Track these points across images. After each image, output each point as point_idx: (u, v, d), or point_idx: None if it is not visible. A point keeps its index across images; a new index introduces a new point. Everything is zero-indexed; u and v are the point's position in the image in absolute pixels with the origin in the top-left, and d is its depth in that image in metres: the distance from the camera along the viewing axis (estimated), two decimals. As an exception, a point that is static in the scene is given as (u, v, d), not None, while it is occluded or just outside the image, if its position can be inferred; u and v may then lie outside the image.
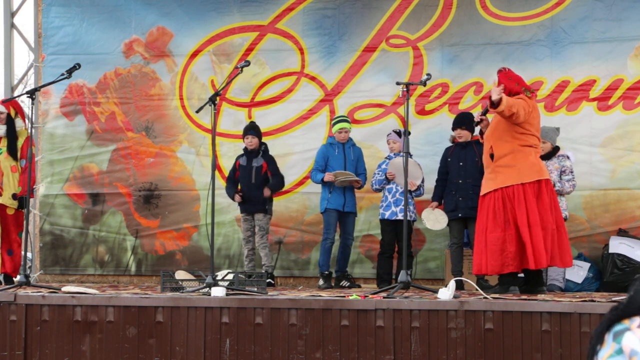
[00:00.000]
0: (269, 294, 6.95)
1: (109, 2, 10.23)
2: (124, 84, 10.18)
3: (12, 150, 8.55)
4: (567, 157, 8.40)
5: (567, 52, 9.21)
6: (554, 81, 9.21)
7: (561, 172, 8.29)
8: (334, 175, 8.55)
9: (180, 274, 7.78)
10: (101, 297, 6.70)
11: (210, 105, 7.17)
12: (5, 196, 8.50)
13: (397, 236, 8.49)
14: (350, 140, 8.85)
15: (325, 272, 8.67)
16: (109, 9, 10.23)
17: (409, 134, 7.54)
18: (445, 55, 9.49)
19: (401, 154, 8.16)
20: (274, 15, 9.91)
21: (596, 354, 1.99)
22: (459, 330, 6.05)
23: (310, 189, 9.48)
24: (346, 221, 8.73)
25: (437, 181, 8.51)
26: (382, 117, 9.59)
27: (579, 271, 8.58)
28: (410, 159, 7.81)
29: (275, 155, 9.16)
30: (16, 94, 9.84)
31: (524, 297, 6.65)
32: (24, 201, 8.25)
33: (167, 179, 10.05)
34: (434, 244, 9.34)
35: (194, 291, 6.91)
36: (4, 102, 8.74)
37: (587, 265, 8.66)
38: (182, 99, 10.04)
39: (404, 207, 7.30)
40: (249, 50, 9.91)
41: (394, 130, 8.83)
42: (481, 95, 9.30)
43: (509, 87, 7.34)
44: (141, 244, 10.05)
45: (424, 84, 7.45)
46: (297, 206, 9.72)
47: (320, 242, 8.88)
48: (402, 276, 6.76)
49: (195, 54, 10.04)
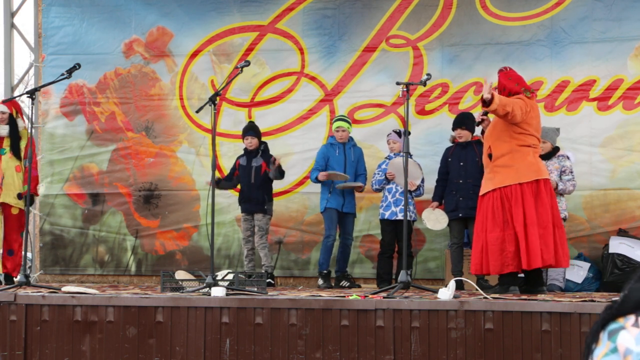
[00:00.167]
0: (269, 294, 6.95)
1: (109, 2, 10.23)
2: (124, 84, 10.17)
3: (15, 150, 8.56)
4: (567, 157, 8.40)
5: (567, 52, 9.20)
6: (554, 81, 9.21)
7: (561, 172, 8.29)
8: (327, 174, 8.55)
9: (180, 274, 7.78)
10: (101, 297, 6.70)
11: (210, 105, 7.16)
12: (10, 196, 8.51)
13: (397, 236, 8.49)
14: (351, 140, 8.85)
15: (324, 272, 8.67)
16: (109, 9, 10.23)
17: (409, 134, 7.53)
18: (445, 55, 9.49)
19: (401, 154, 8.16)
20: (274, 15, 9.91)
21: (591, 352, 1.99)
22: (459, 330, 6.05)
23: (310, 189, 9.48)
24: (345, 222, 8.74)
25: (438, 181, 8.51)
26: (382, 117, 9.59)
27: (579, 271, 8.58)
28: (410, 159, 7.81)
29: (275, 155, 9.16)
30: (16, 94, 9.83)
31: (524, 297, 6.65)
32: (31, 200, 8.50)
33: (167, 179, 10.05)
34: (434, 244, 9.34)
35: (194, 291, 6.91)
36: (5, 102, 8.74)
37: (587, 265, 8.65)
38: (182, 99, 10.04)
39: (404, 207, 7.29)
40: (249, 50, 9.91)
41: (394, 130, 8.83)
42: (481, 95, 9.28)
43: (509, 87, 7.35)
44: (141, 244, 10.05)
45: (424, 84, 7.45)
46: (297, 206, 9.72)
47: (320, 241, 8.89)
48: (402, 276, 6.76)
49: (195, 54, 10.04)
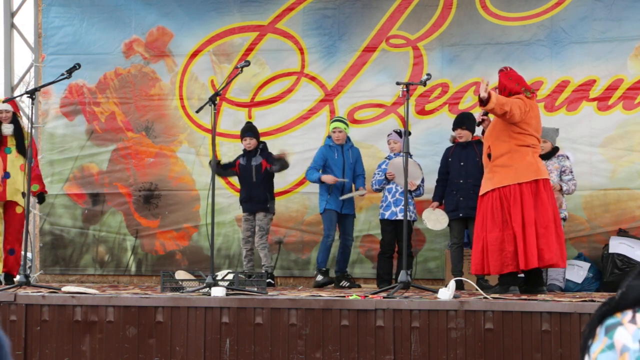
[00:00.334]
0: (269, 294, 6.95)
1: (109, 2, 10.22)
2: (124, 84, 10.17)
3: (21, 148, 8.55)
4: (567, 157, 8.40)
5: (567, 52, 9.20)
6: (554, 81, 9.21)
7: (561, 172, 8.29)
8: (334, 180, 8.55)
9: (180, 274, 7.78)
10: (101, 297, 6.70)
11: (210, 105, 7.16)
12: (15, 194, 8.51)
13: (397, 236, 8.49)
14: (348, 141, 8.85)
15: (322, 269, 8.68)
16: (109, 9, 10.22)
17: (409, 134, 7.53)
18: (445, 55, 9.48)
19: (401, 154, 8.16)
20: (274, 15, 9.90)
21: (588, 348, 1.97)
22: (459, 330, 6.05)
23: (310, 189, 9.47)
24: (345, 222, 8.74)
25: (438, 181, 8.51)
26: (382, 117, 9.59)
27: (579, 271, 8.58)
28: (410, 159, 7.80)
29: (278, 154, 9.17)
30: (16, 94, 9.83)
31: (524, 297, 6.65)
32: (42, 198, 8.91)
33: (167, 179, 10.04)
34: (434, 244, 9.33)
35: (194, 291, 6.91)
36: (6, 101, 8.73)
37: (587, 265, 8.65)
38: (182, 99, 10.03)
39: (404, 207, 7.30)
40: (249, 50, 9.90)
41: (394, 130, 8.83)
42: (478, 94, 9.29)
43: (510, 87, 7.34)
44: (141, 244, 10.04)
45: (424, 84, 7.44)
46: (297, 206, 9.71)
47: (320, 241, 8.89)
48: (402, 276, 6.75)
49: (195, 54, 10.03)
